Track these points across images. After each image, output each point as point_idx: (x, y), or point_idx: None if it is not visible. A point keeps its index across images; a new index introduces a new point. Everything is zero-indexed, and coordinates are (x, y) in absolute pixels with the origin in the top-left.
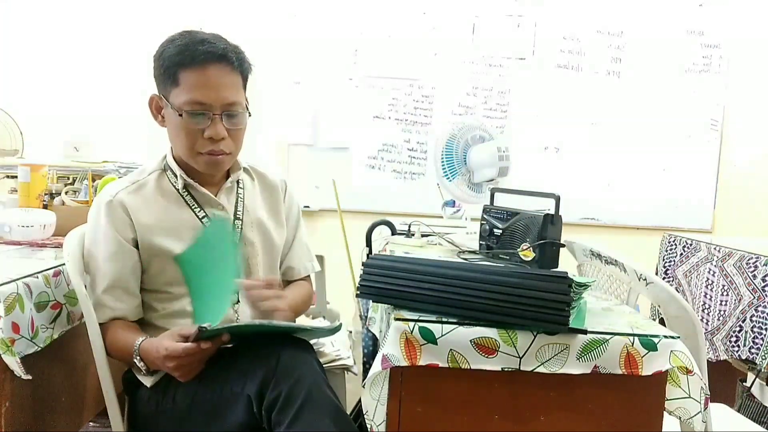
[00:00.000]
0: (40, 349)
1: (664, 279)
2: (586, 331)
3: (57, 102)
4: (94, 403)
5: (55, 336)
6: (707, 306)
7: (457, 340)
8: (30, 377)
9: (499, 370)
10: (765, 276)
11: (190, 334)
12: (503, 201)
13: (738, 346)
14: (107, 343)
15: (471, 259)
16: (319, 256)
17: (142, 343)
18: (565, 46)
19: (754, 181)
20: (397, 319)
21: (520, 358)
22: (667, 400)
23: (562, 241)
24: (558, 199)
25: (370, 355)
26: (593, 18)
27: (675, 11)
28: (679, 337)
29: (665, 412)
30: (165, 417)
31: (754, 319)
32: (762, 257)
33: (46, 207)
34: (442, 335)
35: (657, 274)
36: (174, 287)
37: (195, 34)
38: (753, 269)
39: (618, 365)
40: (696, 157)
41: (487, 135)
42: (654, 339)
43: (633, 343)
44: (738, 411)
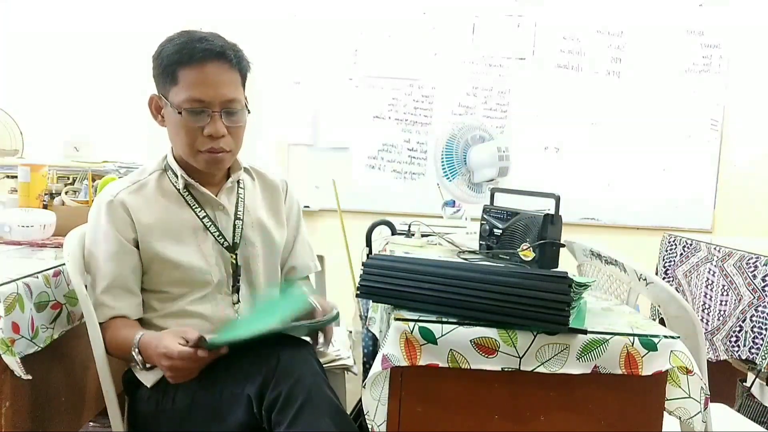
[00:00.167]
0: (40, 349)
1: (664, 279)
2: (586, 331)
3: (57, 102)
4: (94, 403)
5: (55, 336)
6: (707, 306)
7: (457, 340)
8: (30, 377)
9: (499, 370)
10: (765, 276)
11: (190, 339)
12: (503, 201)
13: (738, 346)
14: (107, 342)
15: (471, 259)
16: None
17: (142, 336)
18: (565, 46)
19: (754, 181)
20: (397, 319)
21: (520, 358)
22: (667, 400)
23: (562, 241)
24: (558, 199)
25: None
26: (593, 18)
27: (675, 11)
28: (679, 337)
29: (665, 412)
30: (165, 417)
31: (754, 319)
32: (762, 257)
33: (46, 207)
34: (442, 335)
35: (657, 274)
36: (174, 287)
37: (193, 33)
38: (753, 269)
39: (618, 365)
40: (696, 157)
41: (487, 135)
42: (654, 339)
43: (633, 343)
44: (738, 411)
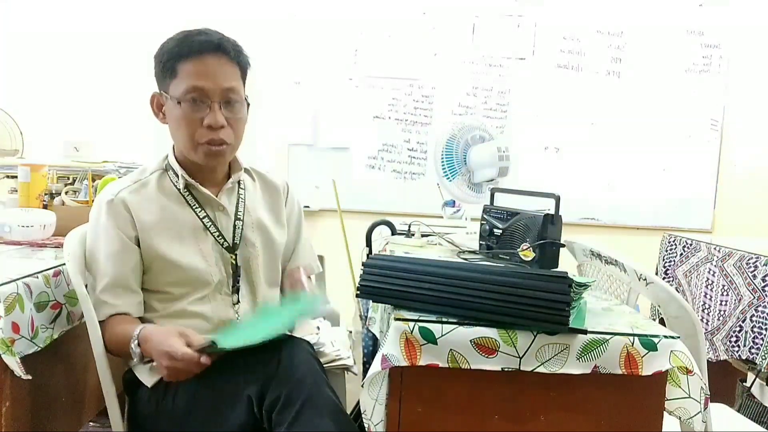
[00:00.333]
0: (40, 349)
1: (664, 279)
2: (586, 331)
3: (57, 102)
4: (94, 403)
5: (55, 336)
6: (707, 306)
7: (457, 340)
8: (30, 377)
9: (499, 370)
10: (765, 276)
11: (196, 343)
12: (503, 201)
13: (738, 346)
14: (106, 339)
15: (471, 259)
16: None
17: (143, 329)
18: (565, 46)
19: (754, 181)
20: (397, 319)
21: (520, 358)
22: (667, 400)
23: (562, 241)
24: (558, 199)
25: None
26: (593, 18)
27: (675, 11)
28: (679, 337)
29: (665, 412)
30: (165, 417)
31: (754, 319)
32: (762, 257)
33: (46, 207)
34: (442, 335)
35: (657, 274)
36: (174, 287)
37: (192, 29)
38: (753, 269)
39: (618, 365)
40: (696, 157)
41: (487, 135)
42: (654, 339)
43: (633, 343)
44: (738, 411)
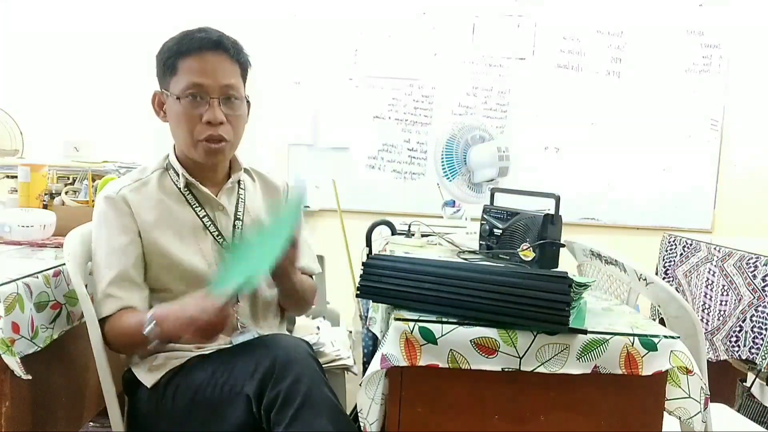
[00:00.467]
0: (40, 349)
1: (664, 279)
2: (586, 331)
3: (57, 102)
4: (94, 403)
5: (55, 336)
6: (707, 306)
7: (457, 340)
8: (30, 377)
9: (499, 370)
10: (765, 276)
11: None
12: (503, 201)
13: (738, 346)
14: (113, 334)
15: (471, 259)
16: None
17: (158, 308)
18: (565, 46)
19: (754, 181)
20: (397, 319)
21: (520, 358)
22: (667, 400)
23: (562, 241)
24: (558, 199)
25: (370, 355)
26: (593, 18)
27: (675, 11)
28: (679, 337)
29: (665, 412)
30: (165, 417)
31: (754, 319)
32: (762, 257)
33: (46, 207)
34: (442, 335)
35: (657, 274)
36: (174, 286)
37: (193, 28)
38: (753, 269)
39: (618, 365)
40: (696, 157)
41: (487, 135)
42: (654, 339)
43: (633, 343)
44: (738, 411)
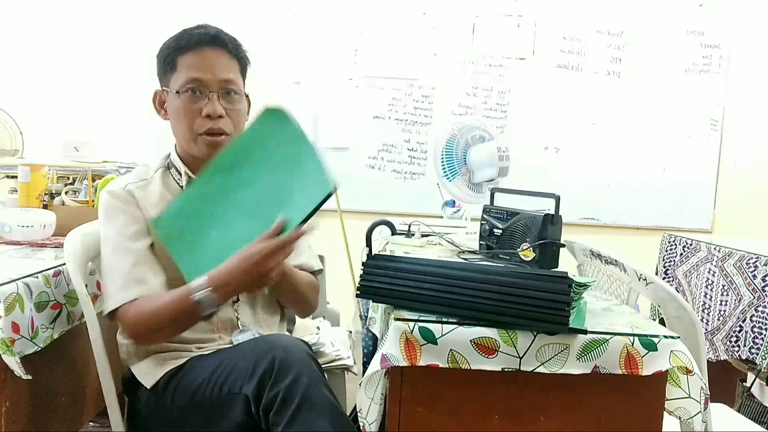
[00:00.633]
0: (40, 349)
1: (664, 279)
2: (586, 331)
3: (57, 102)
4: (94, 403)
5: (55, 336)
6: (707, 306)
7: (457, 340)
8: (30, 377)
9: (499, 370)
10: (765, 276)
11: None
12: (503, 201)
13: (738, 346)
14: (145, 317)
15: (471, 259)
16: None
17: (208, 276)
18: (565, 46)
19: (754, 181)
20: (397, 319)
21: (520, 358)
22: (667, 400)
23: (562, 241)
24: (558, 199)
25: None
26: (593, 18)
27: (675, 11)
28: (679, 337)
29: (665, 412)
30: (164, 417)
31: (754, 319)
32: (762, 257)
33: (46, 207)
34: (442, 335)
35: (657, 274)
36: (175, 283)
37: (192, 26)
38: (753, 269)
39: (618, 365)
40: (696, 157)
41: (487, 135)
42: (654, 339)
43: (633, 343)
44: (738, 411)
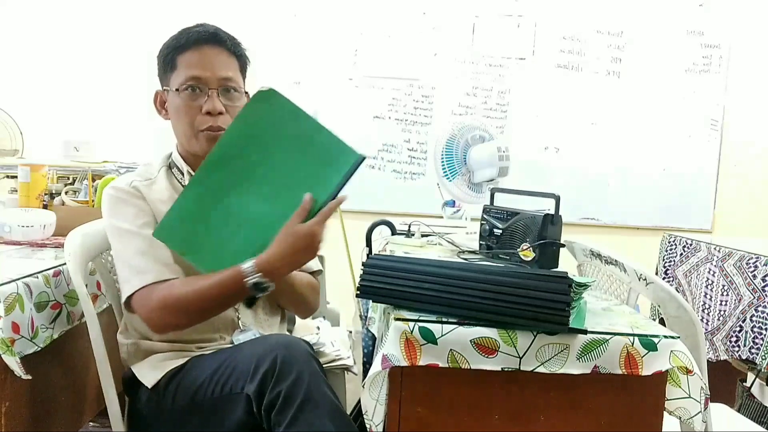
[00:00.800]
0: (40, 349)
1: (664, 279)
2: (586, 331)
3: (57, 102)
4: (94, 403)
5: (55, 336)
6: (707, 306)
7: (457, 340)
8: (30, 377)
9: (499, 370)
10: (765, 276)
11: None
12: (503, 201)
13: (738, 346)
14: (178, 297)
15: (471, 259)
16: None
17: (257, 261)
18: (565, 46)
19: (754, 181)
20: (397, 319)
21: (520, 358)
22: (667, 400)
23: (562, 241)
24: (558, 199)
25: (370, 355)
26: (593, 18)
27: (675, 11)
28: (679, 337)
29: (665, 412)
30: (165, 417)
31: (754, 319)
32: (762, 257)
33: (46, 207)
34: (442, 335)
35: (657, 274)
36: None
37: (191, 25)
38: (753, 269)
39: (618, 365)
40: (696, 157)
41: (487, 135)
42: (654, 339)
43: (633, 343)
44: (738, 411)
